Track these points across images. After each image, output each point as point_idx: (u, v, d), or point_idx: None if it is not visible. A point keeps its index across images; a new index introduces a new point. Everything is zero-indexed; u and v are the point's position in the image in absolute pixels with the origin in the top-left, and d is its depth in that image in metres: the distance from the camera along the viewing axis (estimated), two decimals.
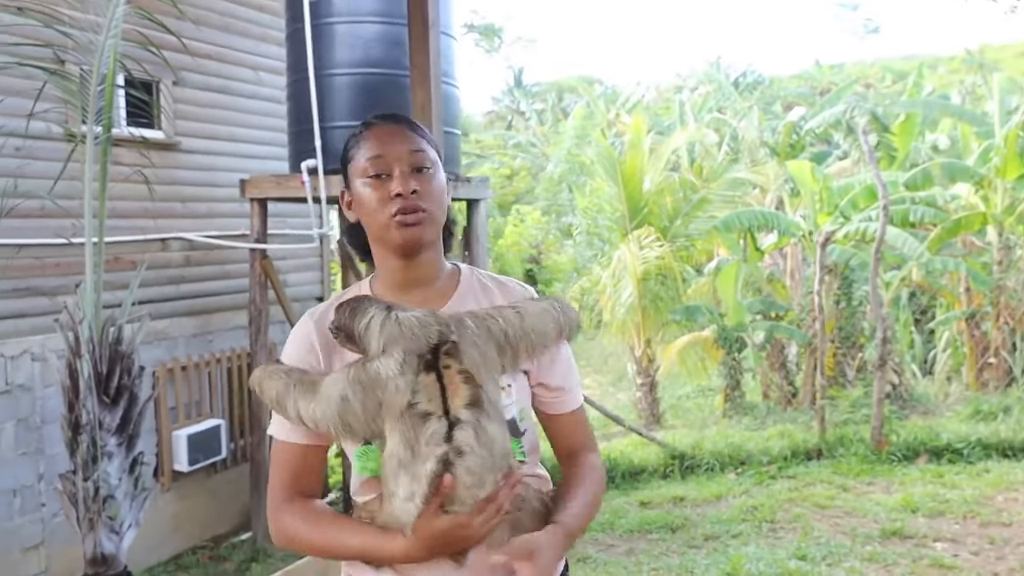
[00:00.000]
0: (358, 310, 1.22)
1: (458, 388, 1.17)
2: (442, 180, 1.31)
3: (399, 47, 5.15)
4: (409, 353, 1.17)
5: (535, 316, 1.27)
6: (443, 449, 1.14)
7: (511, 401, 1.26)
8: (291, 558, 5.22)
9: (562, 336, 1.31)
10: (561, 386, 1.34)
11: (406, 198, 1.24)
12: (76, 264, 4.64)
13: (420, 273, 1.32)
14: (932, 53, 26.66)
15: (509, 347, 1.23)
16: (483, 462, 1.14)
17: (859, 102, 11.55)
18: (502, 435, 1.18)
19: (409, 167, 1.27)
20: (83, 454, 3.67)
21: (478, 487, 1.14)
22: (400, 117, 1.35)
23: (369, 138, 1.29)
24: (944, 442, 6.19)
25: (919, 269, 8.59)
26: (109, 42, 3.85)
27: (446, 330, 1.19)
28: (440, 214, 1.30)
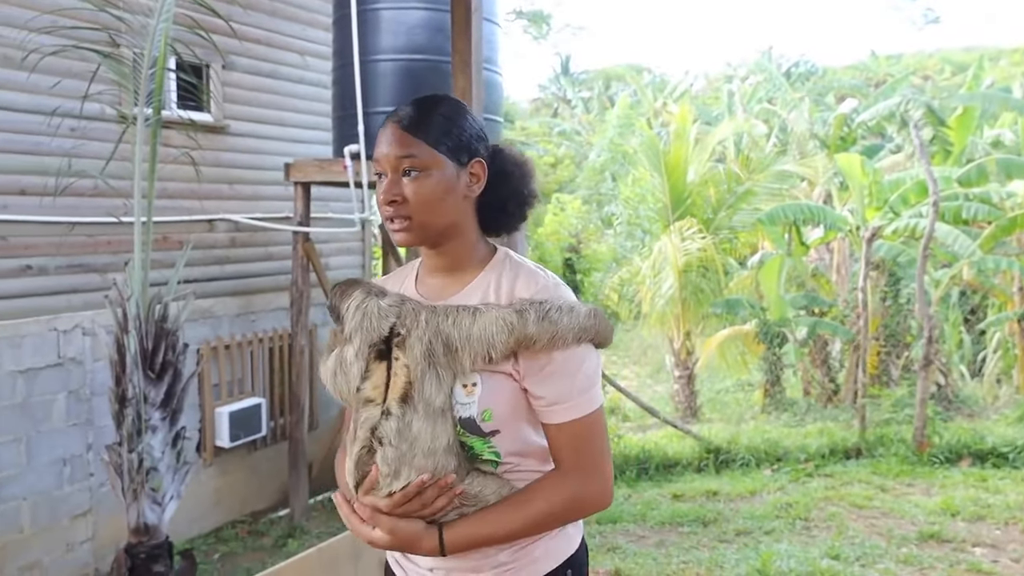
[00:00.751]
0: (345, 293, 1.31)
1: (397, 380, 1.23)
2: (435, 180, 1.29)
3: (443, 33, 5.17)
4: (363, 342, 1.26)
5: (487, 322, 1.23)
6: (368, 435, 1.23)
7: (471, 400, 1.26)
8: (325, 535, 5.34)
9: (533, 342, 1.24)
10: (543, 396, 1.27)
11: (386, 205, 1.30)
12: (126, 242, 4.79)
13: (444, 262, 1.37)
14: (995, 45, 25.75)
15: (455, 349, 1.24)
16: (400, 456, 1.21)
17: (915, 95, 11.23)
18: (431, 433, 1.22)
19: (395, 171, 1.30)
20: (128, 427, 3.79)
21: (393, 477, 1.22)
22: (408, 112, 1.32)
23: (378, 135, 1.34)
24: (989, 445, 6.03)
25: (970, 267, 8.34)
26: (161, 26, 3.94)
27: (400, 324, 1.25)
28: (431, 216, 1.30)
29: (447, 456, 1.23)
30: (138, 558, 3.79)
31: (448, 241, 1.35)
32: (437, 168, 1.30)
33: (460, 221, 1.34)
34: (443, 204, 1.30)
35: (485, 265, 1.37)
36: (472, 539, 1.27)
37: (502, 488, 1.28)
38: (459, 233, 1.35)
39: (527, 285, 1.32)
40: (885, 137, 13.65)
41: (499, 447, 1.30)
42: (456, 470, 1.24)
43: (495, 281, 1.34)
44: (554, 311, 1.25)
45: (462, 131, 1.33)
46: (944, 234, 7.94)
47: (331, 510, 6.20)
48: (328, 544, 2.85)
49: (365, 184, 5.28)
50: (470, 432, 1.27)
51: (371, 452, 1.23)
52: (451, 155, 1.31)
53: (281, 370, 6.22)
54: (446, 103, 1.36)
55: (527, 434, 1.32)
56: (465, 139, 1.33)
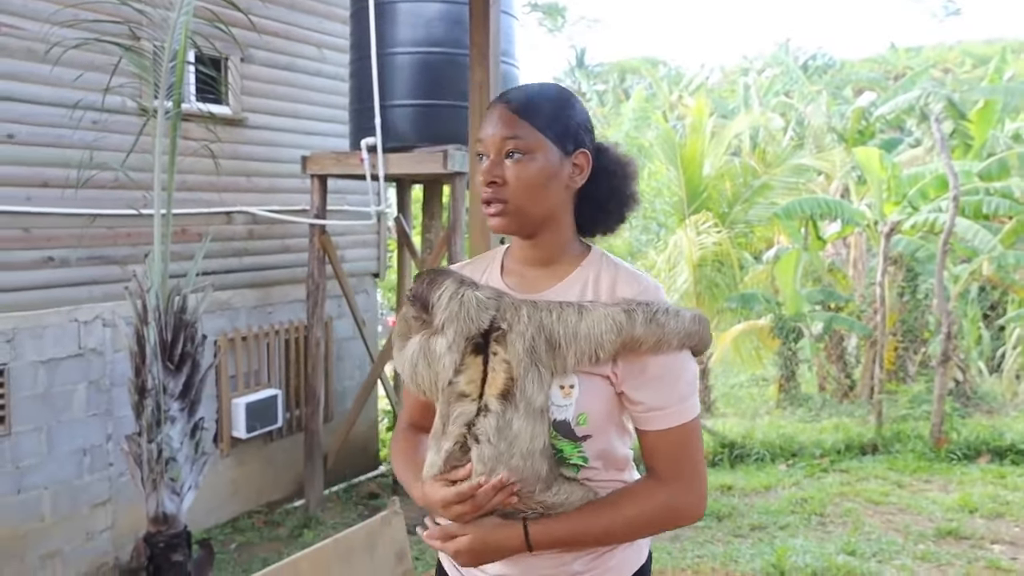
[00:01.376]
0: (435, 282, 1.25)
1: (496, 376, 1.18)
2: (538, 165, 1.24)
3: (460, 26, 5.17)
4: (459, 334, 1.20)
5: (595, 320, 1.18)
6: (463, 432, 1.18)
7: (568, 402, 1.21)
8: (341, 526, 5.38)
9: (639, 344, 1.19)
10: (643, 401, 1.23)
11: (486, 185, 1.25)
12: (145, 235, 4.84)
13: (538, 253, 1.31)
14: (1016, 37, 25.39)
15: (559, 347, 1.19)
16: (498, 455, 1.16)
17: (935, 87, 11.11)
18: (530, 432, 1.17)
19: (498, 153, 1.25)
20: (148, 417, 3.83)
21: (487, 477, 1.17)
22: (519, 95, 1.28)
23: (484, 118, 1.29)
24: (1008, 442, 5.98)
25: (990, 263, 8.25)
26: (181, 19, 3.97)
27: (500, 317, 1.20)
28: (530, 202, 1.24)
29: (541, 459, 1.19)
30: (157, 547, 3.84)
31: (544, 232, 1.29)
32: (541, 152, 1.24)
33: (558, 212, 1.29)
34: (544, 191, 1.25)
35: (581, 261, 1.32)
36: (560, 537, 1.22)
37: (587, 495, 1.24)
38: (556, 225, 1.29)
39: (628, 285, 1.27)
40: (904, 131, 13.53)
41: (587, 452, 1.25)
42: (547, 475, 1.20)
43: (593, 278, 1.29)
44: (661, 313, 1.20)
45: (570, 118, 1.27)
46: (964, 229, 7.85)
47: (345, 501, 6.25)
48: (344, 535, 2.86)
49: (382, 177, 5.29)
50: (563, 435, 1.23)
51: (464, 449, 1.18)
52: (557, 141, 1.25)
53: (297, 362, 6.26)
54: (556, 89, 1.31)
55: (614, 441, 1.29)
56: (572, 127, 1.27)
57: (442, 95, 5.36)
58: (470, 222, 4.20)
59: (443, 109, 5.38)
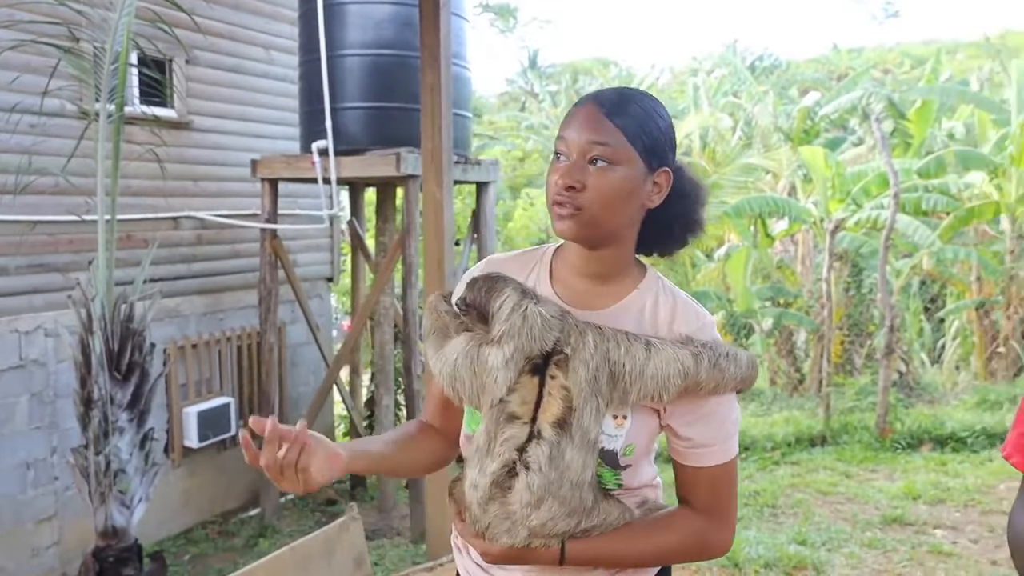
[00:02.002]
0: (494, 289, 1.19)
1: (553, 402, 1.13)
2: (621, 176, 1.17)
3: (411, 28, 5.15)
4: (518, 351, 1.14)
5: (663, 361, 1.15)
6: (513, 457, 1.14)
7: (619, 433, 1.19)
8: (297, 533, 5.31)
9: (700, 388, 1.18)
10: (691, 438, 1.23)
11: (563, 189, 1.18)
12: (89, 241, 4.71)
13: (596, 268, 1.26)
14: (953, 38, 26.31)
15: (621, 382, 1.15)
16: (547, 484, 1.12)
17: (876, 88, 11.44)
18: (582, 464, 1.14)
19: (582, 156, 1.18)
20: (95, 429, 3.73)
21: (533, 507, 1.13)
22: (612, 98, 1.21)
23: (569, 115, 1.22)
24: (948, 431, 6.20)
25: (930, 257, 8.55)
26: (123, 20, 3.88)
27: (564, 340, 1.15)
28: (605, 214, 1.18)
29: (589, 491, 1.15)
30: (107, 561, 3.74)
31: (608, 246, 1.23)
32: (628, 164, 1.18)
33: (627, 228, 1.23)
34: (622, 205, 1.19)
35: (638, 283, 1.27)
36: (595, 556, 1.21)
37: (623, 516, 1.22)
38: (621, 241, 1.24)
39: (687, 319, 1.24)
40: (847, 130, 13.89)
41: (624, 480, 1.25)
42: (591, 507, 1.17)
43: (651, 305, 1.26)
44: (723, 359, 1.18)
45: (660, 132, 1.21)
46: (905, 225, 8.12)
47: (302, 508, 6.17)
48: (301, 543, 2.83)
49: (334, 180, 5.24)
50: (607, 464, 1.21)
51: (512, 474, 1.13)
52: (644, 155, 1.19)
53: (250, 369, 6.16)
54: (648, 97, 1.23)
55: (646, 471, 1.29)
56: (661, 141, 1.22)
57: (393, 97, 5.34)
58: (424, 225, 4.18)
59: (395, 111, 5.35)
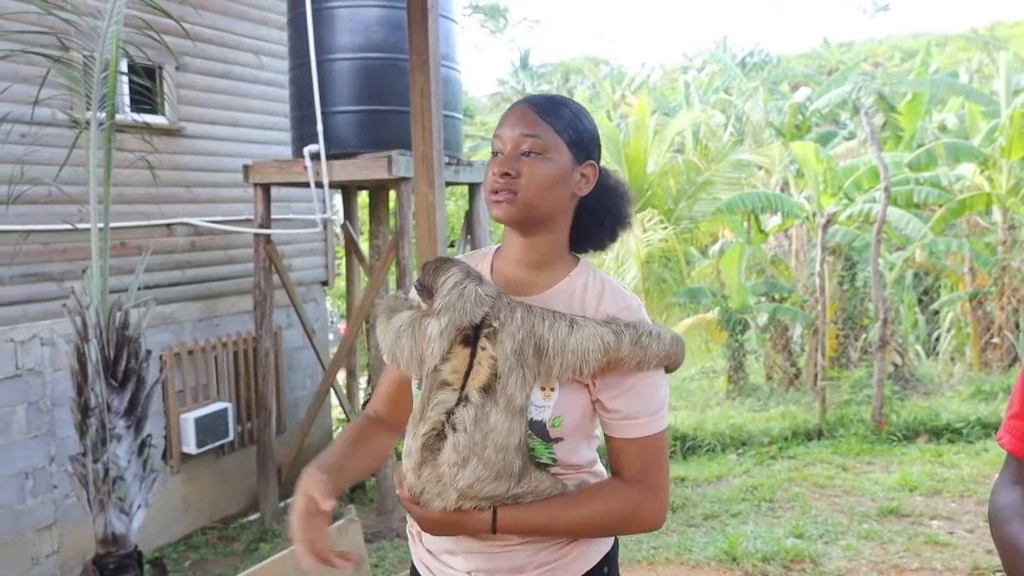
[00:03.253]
0: (441, 268, 1.29)
1: (481, 370, 1.22)
2: (551, 166, 1.29)
3: (400, 31, 5.16)
4: (451, 323, 1.24)
5: (584, 337, 1.22)
6: (441, 419, 1.22)
7: (547, 404, 1.26)
8: None
9: (621, 363, 1.25)
10: (617, 410, 1.29)
11: (499, 177, 1.29)
12: (83, 250, 4.70)
13: (531, 255, 1.36)
14: (942, 31, 26.40)
15: (545, 355, 1.23)
16: (472, 445, 1.19)
17: (866, 82, 11.47)
18: (507, 428, 1.21)
19: (515, 149, 1.30)
20: (92, 436, 3.74)
21: (460, 466, 1.20)
22: (542, 98, 1.35)
23: (504, 115, 1.34)
24: (944, 422, 6.23)
25: (923, 250, 8.58)
26: (111, 28, 3.88)
27: (493, 314, 1.24)
28: (538, 198, 1.29)
29: (515, 455, 1.22)
30: (107, 569, 3.75)
31: (542, 233, 1.34)
32: (556, 154, 1.30)
33: (559, 216, 1.34)
34: (552, 191, 1.30)
35: (570, 270, 1.37)
36: (524, 524, 1.27)
37: (555, 487, 1.28)
38: (554, 229, 1.34)
39: (614, 301, 1.33)
40: (839, 124, 13.93)
41: (557, 453, 1.30)
42: (519, 471, 1.23)
43: (580, 289, 1.34)
44: (646, 336, 1.25)
45: (585, 129, 1.34)
46: (897, 218, 8.14)
47: None
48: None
49: (326, 184, 5.25)
50: (537, 435, 1.27)
51: (440, 436, 1.21)
52: (571, 147, 1.31)
53: (247, 374, 6.17)
54: (576, 103, 1.38)
55: (583, 448, 1.34)
56: (586, 137, 1.34)
57: (384, 100, 5.35)
58: (417, 227, 4.20)
59: (386, 114, 5.36)
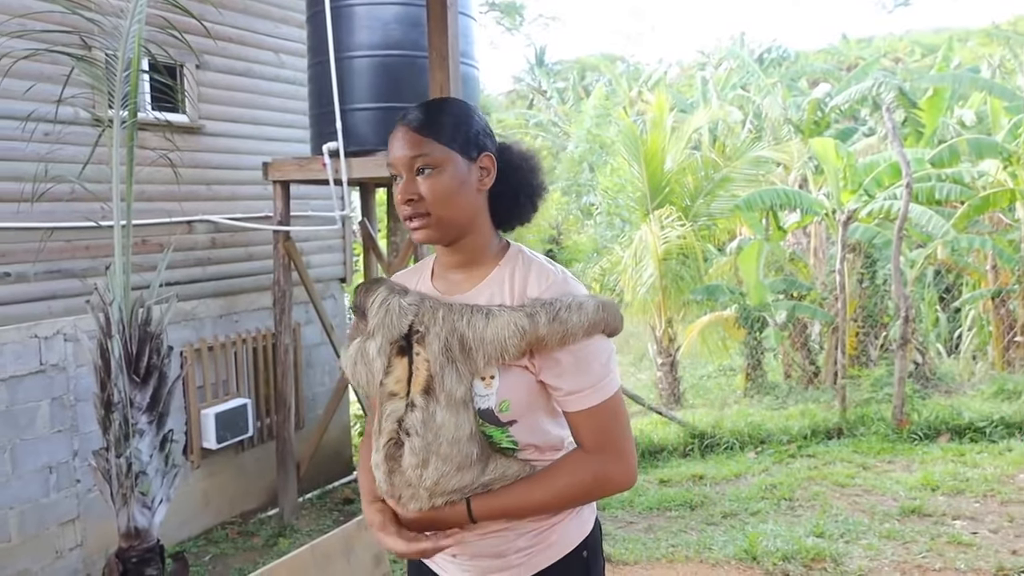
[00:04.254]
0: (369, 291, 1.37)
1: (419, 374, 1.29)
2: (449, 176, 1.33)
3: (418, 29, 5.17)
4: (385, 339, 1.32)
5: (499, 326, 1.28)
6: (395, 428, 1.30)
7: (490, 392, 1.31)
8: (316, 533, 5.35)
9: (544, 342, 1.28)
10: (561, 387, 1.33)
11: (404, 204, 1.36)
12: (105, 247, 4.76)
13: (459, 258, 1.42)
14: (963, 26, 26.05)
15: (469, 349, 1.29)
16: (427, 445, 1.27)
17: (886, 77, 11.36)
18: (454, 423, 1.27)
19: (409, 171, 1.35)
20: (115, 431, 3.78)
21: (422, 467, 1.28)
22: (416, 113, 1.37)
23: (390, 142, 1.39)
24: (966, 421, 6.16)
25: (944, 247, 8.48)
26: (134, 27, 3.91)
27: (418, 321, 1.31)
28: (448, 211, 1.34)
29: (470, 444, 1.29)
30: (130, 562, 3.79)
31: (464, 237, 1.39)
32: (449, 164, 1.34)
33: (475, 216, 1.39)
34: (458, 198, 1.35)
35: (499, 260, 1.42)
36: (499, 509, 1.33)
37: (523, 469, 1.34)
38: (474, 228, 1.40)
39: (538, 281, 1.36)
40: (858, 120, 13.81)
41: (516, 436, 1.35)
42: (479, 456, 1.30)
43: (508, 277, 1.39)
44: (563, 311, 1.28)
45: (469, 128, 1.37)
46: (918, 215, 8.06)
47: (320, 507, 6.22)
48: (320, 541, 2.86)
49: (345, 181, 5.27)
50: (488, 422, 1.32)
51: (398, 444, 1.29)
52: (461, 151, 1.36)
53: (266, 370, 6.21)
54: (451, 103, 1.41)
55: (544, 424, 1.38)
56: (472, 135, 1.37)
57: (402, 97, 5.36)
58: None
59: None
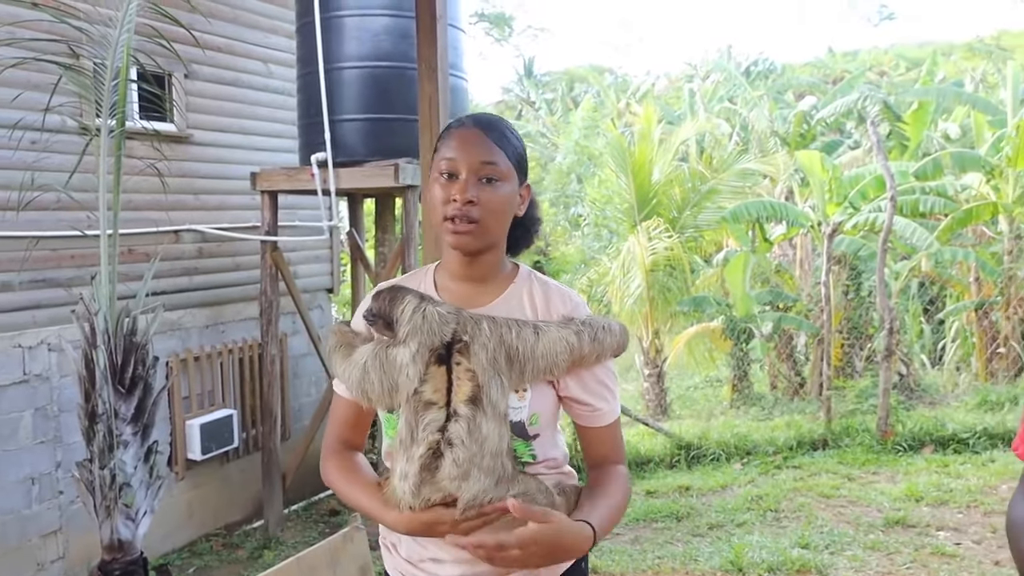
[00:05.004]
0: (396, 298, 1.32)
1: (462, 384, 1.26)
2: (507, 192, 1.35)
3: (407, 40, 5.19)
4: (423, 346, 1.27)
5: (551, 341, 1.30)
6: (436, 438, 1.24)
7: (522, 405, 1.32)
8: (301, 545, 5.32)
9: (584, 360, 1.33)
10: (589, 403, 1.39)
11: (462, 205, 1.32)
12: (91, 256, 4.73)
13: (477, 271, 1.41)
14: (947, 40, 26.39)
15: (517, 362, 1.28)
16: (471, 456, 1.23)
17: (871, 91, 11.49)
18: (498, 434, 1.25)
19: (476, 176, 1.33)
20: (99, 443, 3.74)
21: (462, 479, 1.23)
22: (490, 122, 1.38)
23: (452, 137, 1.36)
24: (950, 432, 6.21)
25: (928, 259, 8.57)
26: (122, 36, 3.90)
27: (461, 330, 1.28)
28: (495, 225, 1.35)
29: (507, 459, 1.28)
30: (113, 575, 3.75)
31: (489, 251, 1.39)
32: (509, 181, 1.36)
33: (505, 236, 1.41)
34: (505, 216, 1.37)
35: (513, 278, 1.43)
36: (609, 521, 1.33)
37: (540, 487, 1.33)
38: (498, 246, 1.41)
39: (563, 302, 1.40)
40: (843, 133, 13.94)
41: (537, 451, 1.37)
42: (512, 473, 1.28)
43: (528, 295, 1.41)
44: (601, 331, 1.35)
45: (524, 155, 1.41)
46: (903, 227, 8.14)
47: (306, 519, 6.18)
48: (306, 554, 2.84)
49: (333, 192, 5.28)
50: (517, 435, 1.33)
51: (437, 454, 1.24)
52: (518, 172, 1.39)
53: (252, 380, 6.17)
54: (510, 123, 1.43)
55: (556, 440, 1.43)
56: (525, 161, 1.41)
57: (391, 109, 5.38)
58: (424, 234, 4.21)
59: (393, 123, 5.39)
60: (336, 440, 1.51)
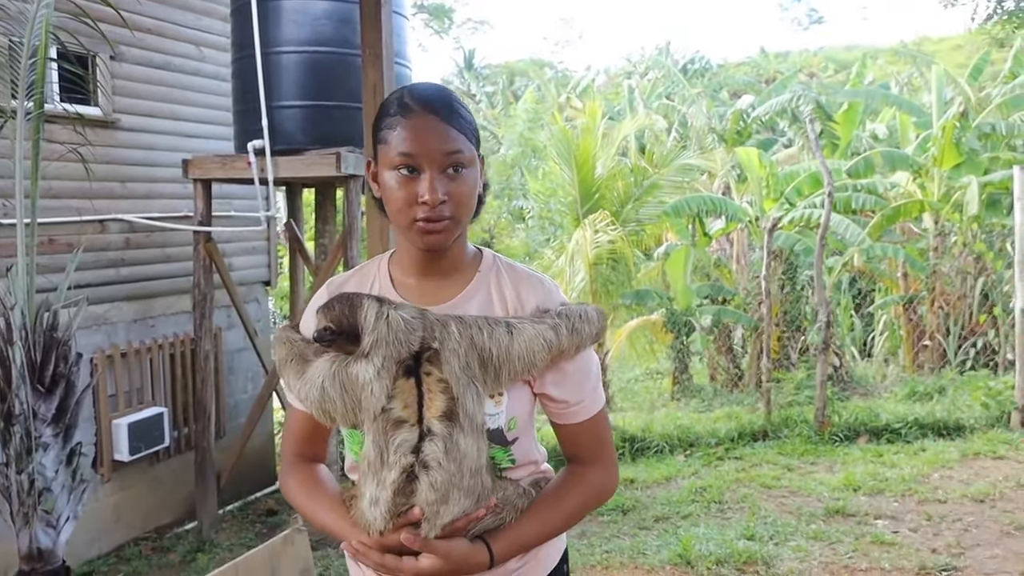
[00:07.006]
0: (354, 304, 1.16)
1: (435, 397, 1.13)
2: (474, 176, 1.22)
3: (349, 25, 5.03)
4: (388, 359, 1.13)
5: (526, 340, 1.18)
6: (409, 460, 1.12)
7: (499, 410, 1.21)
8: (238, 547, 5.12)
9: (564, 355, 1.23)
10: (566, 400, 1.27)
11: (433, 206, 1.17)
12: (8, 246, 4.43)
13: (441, 265, 1.28)
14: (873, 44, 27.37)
15: (491, 366, 1.17)
16: (450, 478, 1.11)
17: (804, 91, 11.78)
18: (476, 450, 1.14)
19: (439, 168, 1.17)
20: (16, 446, 3.51)
21: (441, 503, 1.12)
22: (440, 102, 1.20)
23: (405, 127, 1.18)
24: (883, 422, 6.39)
25: (860, 255, 8.82)
26: (41, 12, 3.66)
27: (429, 336, 1.14)
28: (467, 215, 1.22)
29: (487, 474, 1.17)
30: None
31: (455, 243, 1.26)
32: (473, 165, 1.22)
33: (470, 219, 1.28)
34: (474, 202, 1.24)
35: (478, 266, 1.30)
36: (518, 546, 1.24)
37: (517, 490, 1.25)
38: (465, 233, 1.28)
39: (534, 290, 1.28)
40: (776, 131, 14.28)
41: (516, 455, 1.28)
42: (492, 487, 1.18)
43: (495, 285, 1.28)
44: (578, 322, 1.23)
45: (475, 123, 1.26)
46: (836, 223, 8.35)
47: (242, 520, 5.97)
48: (244, 558, 2.70)
49: (271, 181, 5.08)
50: (495, 442, 1.22)
51: (411, 478, 1.11)
52: (476, 148, 1.24)
53: (184, 377, 5.93)
54: (455, 95, 1.25)
55: (533, 441, 1.33)
56: (478, 132, 1.26)
57: (332, 96, 5.20)
58: (367, 226, 4.08)
59: (334, 110, 5.22)
60: (294, 455, 1.38)
